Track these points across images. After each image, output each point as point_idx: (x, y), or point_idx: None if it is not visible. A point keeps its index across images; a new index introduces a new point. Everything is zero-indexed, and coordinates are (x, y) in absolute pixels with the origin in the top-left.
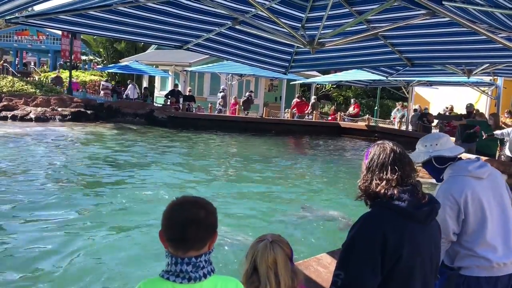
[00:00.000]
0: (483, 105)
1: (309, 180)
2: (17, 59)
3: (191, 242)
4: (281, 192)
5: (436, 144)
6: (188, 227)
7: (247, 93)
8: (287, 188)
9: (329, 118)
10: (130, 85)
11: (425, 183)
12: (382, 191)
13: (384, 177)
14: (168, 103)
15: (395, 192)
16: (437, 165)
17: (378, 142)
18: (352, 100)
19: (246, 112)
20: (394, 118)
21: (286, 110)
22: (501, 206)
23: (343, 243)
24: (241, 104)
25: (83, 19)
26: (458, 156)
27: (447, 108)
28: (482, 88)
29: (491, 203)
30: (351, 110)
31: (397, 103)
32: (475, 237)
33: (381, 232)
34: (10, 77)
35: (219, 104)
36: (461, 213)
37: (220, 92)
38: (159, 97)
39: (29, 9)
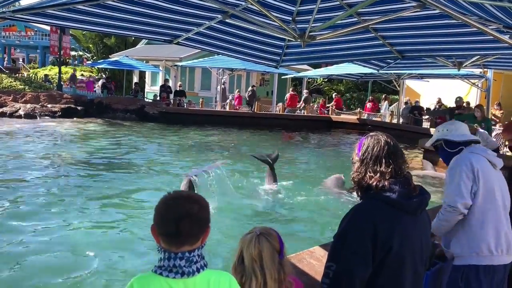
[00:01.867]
0: (473, 97)
1: (301, 172)
2: (5, 55)
3: (184, 237)
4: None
5: (447, 130)
6: (182, 222)
7: (250, 88)
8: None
9: (318, 111)
10: (102, 80)
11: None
12: (375, 183)
13: (378, 169)
14: (158, 98)
15: (386, 183)
16: (447, 149)
17: (371, 133)
18: (333, 95)
19: (250, 108)
20: (366, 109)
21: (277, 105)
22: (503, 199)
23: (334, 235)
24: (246, 98)
25: (72, 14)
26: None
27: (438, 103)
28: (472, 81)
29: (498, 192)
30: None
31: (381, 98)
32: (484, 219)
33: (372, 223)
34: None
35: (229, 100)
36: (475, 183)
37: (221, 86)
38: (150, 92)
39: (16, 3)
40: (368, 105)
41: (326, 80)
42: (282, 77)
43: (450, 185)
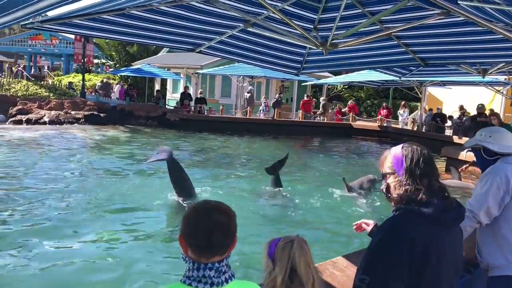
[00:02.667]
0: (498, 104)
1: (322, 181)
2: (31, 63)
3: (216, 248)
4: (294, 193)
5: (490, 136)
6: (214, 233)
7: (277, 95)
8: (300, 190)
9: (334, 117)
10: (118, 86)
11: None
12: (415, 195)
13: (419, 181)
14: (179, 105)
15: (424, 196)
16: (485, 155)
17: (405, 144)
18: (349, 102)
19: (272, 115)
20: (380, 115)
21: (297, 111)
22: None
23: (368, 246)
24: (271, 105)
25: (96, 23)
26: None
27: (460, 110)
28: (497, 88)
29: None
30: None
31: (400, 105)
32: None
33: (409, 237)
34: (24, 81)
35: (262, 106)
36: (507, 195)
37: (247, 93)
38: (171, 99)
39: (44, 14)
40: (383, 112)
41: (347, 86)
42: (302, 84)
43: (478, 192)
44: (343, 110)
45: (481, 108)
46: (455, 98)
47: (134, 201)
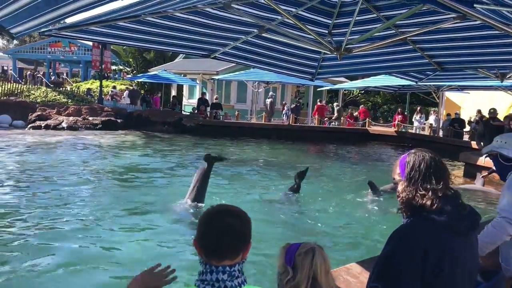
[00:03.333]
0: None
1: (338, 186)
2: (50, 70)
3: (225, 251)
4: (309, 199)
5: (505, 142)
6: (223, 236)
7: (296, 100)
8: (316, 194)
9: (346, 122)
10: (127, 91)
11: None
12: (428, 202)
13: (429, 187)
14: (196, 111)
15: (437, 203)
16: (502, 161)
17: (413, 151)
18: (360, 107)
19: (288, 121)
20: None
21: (312, 117)
22: None
23: (381, 254)
24: (290, 111)
25: (113, 30)
26: None
27: (478, 114)
28: None
29: None
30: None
31: (416, 110)
32: None
33: (422, 245)
34: (43, 88)
35: (285, 111)
36: None
37: (268, 99)
38: (188, 105)
39: (61, 21)
40: (398, 117)
41: (363, 92)
42: (318, 89)
43: (509, 199)
44: (354, 114)
45: (493, 112)
46: (473, 103)
47: (150, 205)
